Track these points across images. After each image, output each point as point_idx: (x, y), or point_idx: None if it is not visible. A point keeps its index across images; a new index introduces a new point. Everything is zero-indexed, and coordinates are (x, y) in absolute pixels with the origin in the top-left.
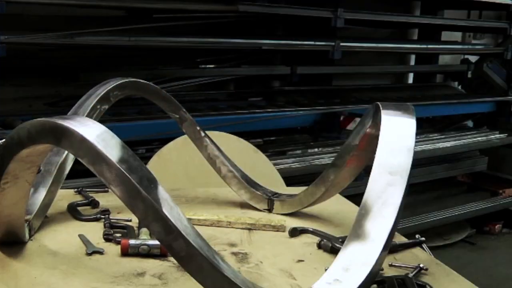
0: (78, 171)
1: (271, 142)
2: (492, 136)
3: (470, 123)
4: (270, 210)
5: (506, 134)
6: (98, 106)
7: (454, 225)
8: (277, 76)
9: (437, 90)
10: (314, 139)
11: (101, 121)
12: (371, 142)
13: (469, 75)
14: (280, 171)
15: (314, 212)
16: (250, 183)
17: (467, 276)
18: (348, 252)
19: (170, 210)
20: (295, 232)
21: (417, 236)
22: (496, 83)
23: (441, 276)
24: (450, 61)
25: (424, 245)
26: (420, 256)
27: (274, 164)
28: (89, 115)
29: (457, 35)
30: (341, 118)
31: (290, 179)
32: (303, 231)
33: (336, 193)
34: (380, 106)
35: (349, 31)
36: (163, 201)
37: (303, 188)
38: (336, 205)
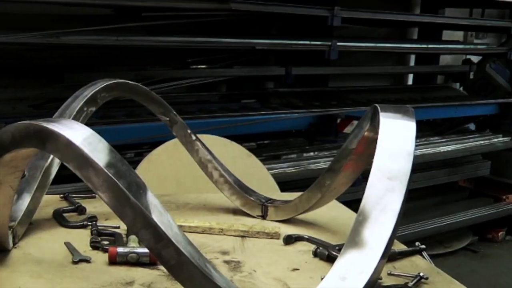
0: (64, 176)
1: (265, 146)
2: (495, 140)
3: (472, 126)
4: (264, 216)
5: (509, 138)
6: (85, 109)
7: (455, 232)
8: (271, 77)
9: (438, 92)
10: (310, 142)
11: (88, 124)
12: (369, 146)
13: (471, 76)
14: (274, 176)
15: (310, 219)
16: (243, 189)
17: (469, 286)
18: (345, 260)
19: (160, 216)
20: (289, 240)
21: (417, 243)
22: (500, 85)
23: (442, 285)
24: (451, 61)
25: (424, 253)
26: (420, 264)
27: (268, 169)
28: (76, 118)
29: (458, 35)
30: (338, 121)
31: (285, 184)
32: (298, 238)
33: (333, 199)
34: (379, 108)
35: (346, 30)
36: (152, 207)
37: (298, 194)
38: (333, 212)
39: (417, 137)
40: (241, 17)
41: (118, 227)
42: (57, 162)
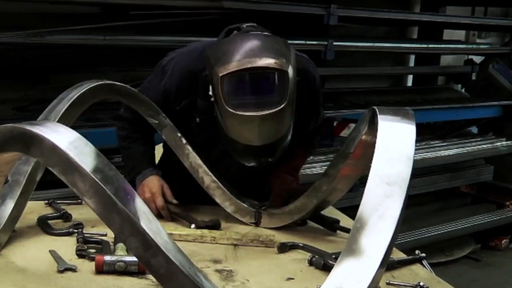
0: (49, 182)
1: None
2: (499, 144)
3: (474, 129)
4: (257, 223)
5: None
6: (71, 111)
7: (457, 240)
8: None
9: (439, 94)
10: None
11: (74, 127)
12: (367, 150)
13: (474, 77)
14: None
15: (305, 226)
16: (235, 195)
17: None
18: (342, 269)
19: (149, 223)
20: (284, 248)
21: (417, 252)
22: (503, 86)
23: None
24: (452, 62)
25: (424, 262)
26: (420, 273)
27: None
28: (61, 121)
29: (460, 34)
30: (335, 124)
31: None
32: (293, 246)
33: (329, 205)
34: (377, 110)
35: (343, 29)
36: (141, 214)
37: (293, 200)
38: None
39: (417, 141)
40: (234, 15)
41: (105, 235)
42: (41, 167)
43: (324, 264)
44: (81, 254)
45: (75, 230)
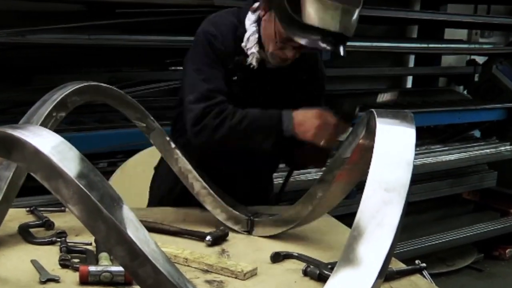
0: (31, 188)
1: None
2: (502, 148)
3: (477, 133)
4: (249, 232)
5: None
6: (54, 114)
7: (459, 249)
8: None
9: (440, 96)
10: None
11: (57, 130)
12: (365, 154)
13: (476, 79)
14: None
15: (300, 234)
16: (227, 201)
17: None
18: (339, 279)
19: (136, 232)
20: (277, 257)
21: (417, 261)
22: (507, 88)
23: None
24: (454, 62)
25: (425, 272)
26: (420, 284)
27: None
28: (44, 124)
29: (462, 33)
30: None
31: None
32: (286, 256)
33: (325, 212)
34: (375, 113)
35: None
36: (128, 222)
37: (287, 207)
38: (325, 226)
39: (417, 145)
40: None
41: (90, 244)
42: (23, 173)
43: (319, 274)
44: (64, 264)
45: (58, 239)
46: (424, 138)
